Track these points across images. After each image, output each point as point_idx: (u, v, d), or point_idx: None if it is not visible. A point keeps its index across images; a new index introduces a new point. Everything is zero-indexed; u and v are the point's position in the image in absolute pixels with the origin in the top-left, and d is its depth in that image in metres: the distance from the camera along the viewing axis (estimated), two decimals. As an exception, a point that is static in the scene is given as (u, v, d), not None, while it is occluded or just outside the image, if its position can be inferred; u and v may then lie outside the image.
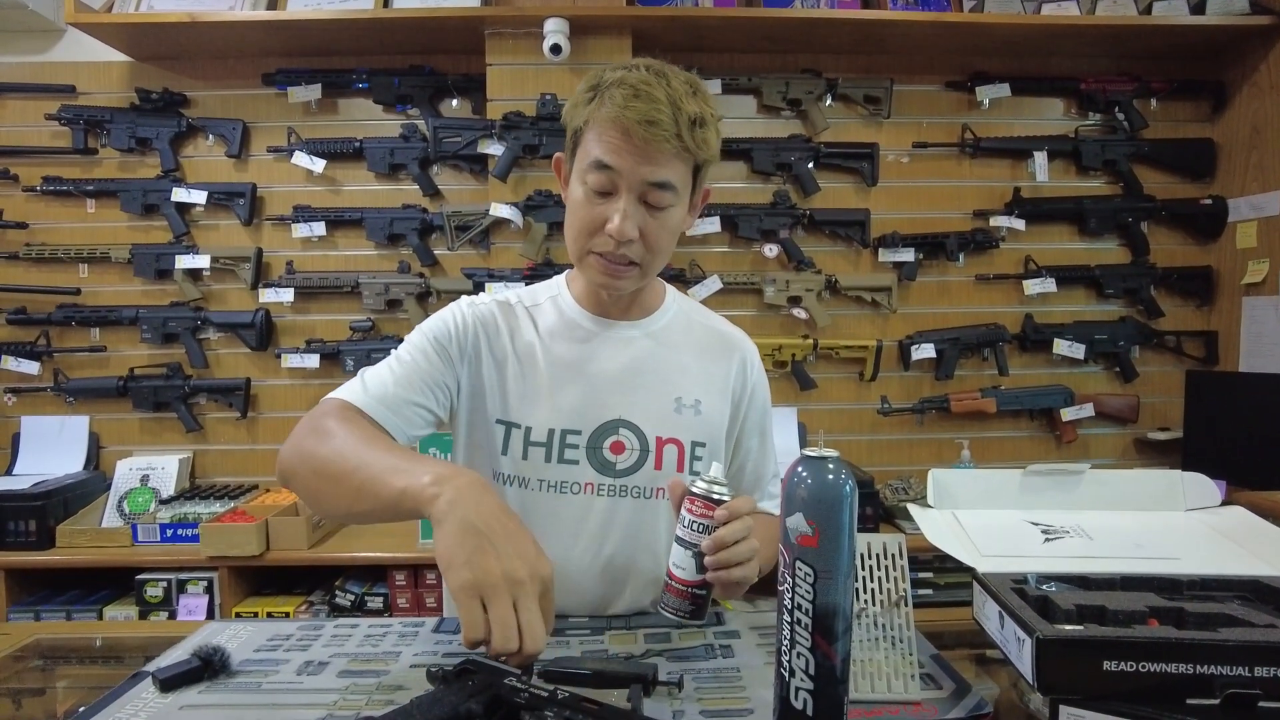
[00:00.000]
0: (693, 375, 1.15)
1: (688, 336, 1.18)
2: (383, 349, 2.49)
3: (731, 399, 1.18)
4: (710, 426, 1.15)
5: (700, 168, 1.04)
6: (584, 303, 1.16)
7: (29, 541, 2.24)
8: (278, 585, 2.37)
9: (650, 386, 1.12)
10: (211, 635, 1.01)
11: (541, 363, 1.12)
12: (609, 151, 0.98)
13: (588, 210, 1.01)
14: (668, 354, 1.15)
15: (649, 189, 0.99)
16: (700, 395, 1.14)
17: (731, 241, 2.61)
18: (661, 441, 1.11)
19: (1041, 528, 1.02)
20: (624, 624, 1.05)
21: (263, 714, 0.81)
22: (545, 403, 1.10)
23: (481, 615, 0.73)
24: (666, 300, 1.20)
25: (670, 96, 0.96)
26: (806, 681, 0.70)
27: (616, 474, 1.10)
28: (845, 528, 0.70)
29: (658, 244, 1.03)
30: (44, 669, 1.01)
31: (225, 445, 2.61)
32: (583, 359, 1.12)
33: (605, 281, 1.05)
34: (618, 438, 1.10)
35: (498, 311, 1.14)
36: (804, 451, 0.73)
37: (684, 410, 1.13)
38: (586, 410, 1.10)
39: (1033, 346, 2.67)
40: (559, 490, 1.09)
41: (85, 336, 2.59)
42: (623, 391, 1.11)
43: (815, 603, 0.69)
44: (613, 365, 1.12)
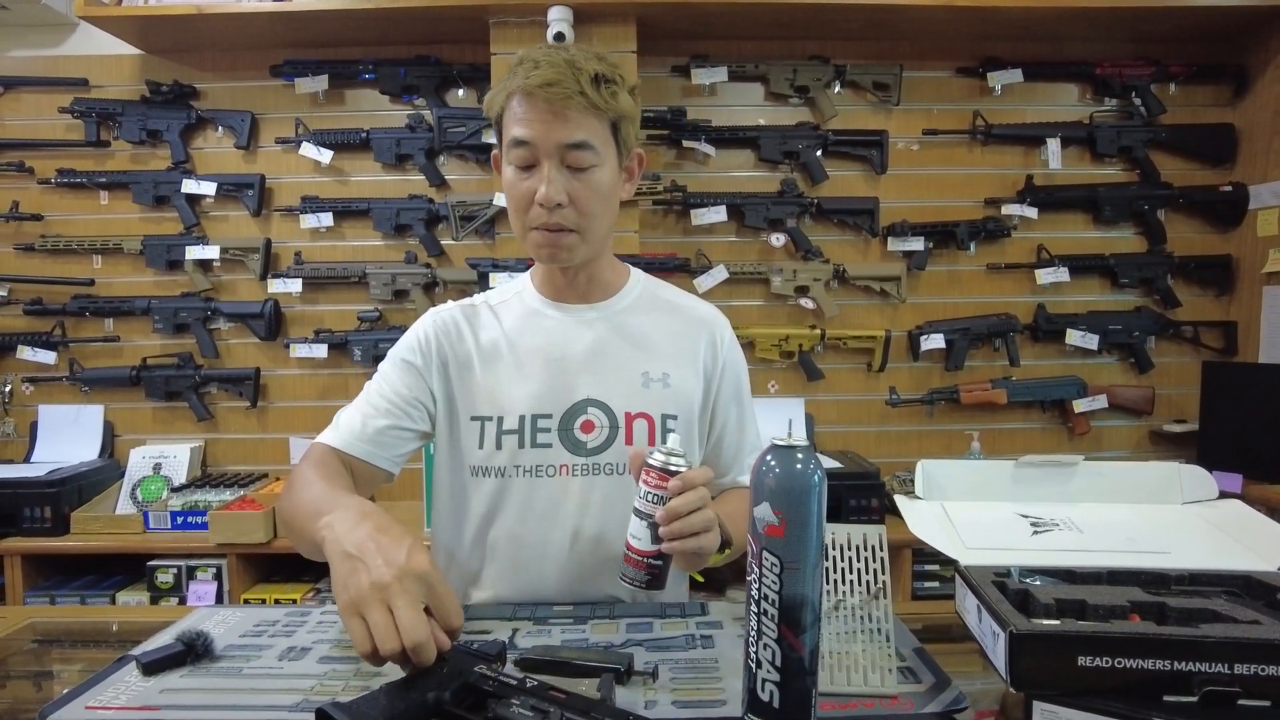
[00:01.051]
0: (659, 349, 1.17)
1: (653, 313, 1.20)
2: (390, 339, 2.49)
3: (703, 373, 1.19)
4: (680, 398, 1.15)
5: (618, 126, 1.06)
6: (545, 291, 1.19)
7: (45, 528, 2.28)
8: (285, 572, 2.40)
9: (616, 364, 1.15)
10: (200, 621, 1.02)
11: (507, 355, 1.15)
12: (521, 124, 1.02)
13: (517, 187, 1.05)
14: (632, 331, 1.17)
15: (566, 151, 1.02)
16: (668, 368, 1.15)
17: (738, 231, 2.59)
18: (631, 417, 1.13)
19: (1031, 520, 1.01)
20: (607, 612, 1.05)
21: (240, 698, 0.81)
22: (514, 392, 1.13)
23: (364, 629, 0.72)
24: (630, 281, 1.22)
25: (569, 60, 1.01)
26: (773, 673, 0.69)
27: (588, 453, 1.12)
28: (813, 518, 0.69)
29: (589, 206, 1.05)
30: (37, 652, 1.02)
31: (235, 434, 2.64)
32: (547, 345, 1.15)
33: (549, 253, 1.08)
34: (587, 417, 1.12)
35: (459, 316, 1.19)
36: (773, 440, 0.72)
37: (652, 384, 1.14)
38: (555, 394, 1.13)
39: (1045, 337, 2.63)
40: (535, 474, 1.12)
41: (99, 327, 2.63)
42: (589, 371, 1.14)
43: (782, 593, 0.69)
44: (577, 347, 1.15)
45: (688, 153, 2.56)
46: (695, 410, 1.18)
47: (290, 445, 2.62)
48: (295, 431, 2.62)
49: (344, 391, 2.60)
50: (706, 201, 2.50)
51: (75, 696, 0.82)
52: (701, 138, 2.51)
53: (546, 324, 1.17)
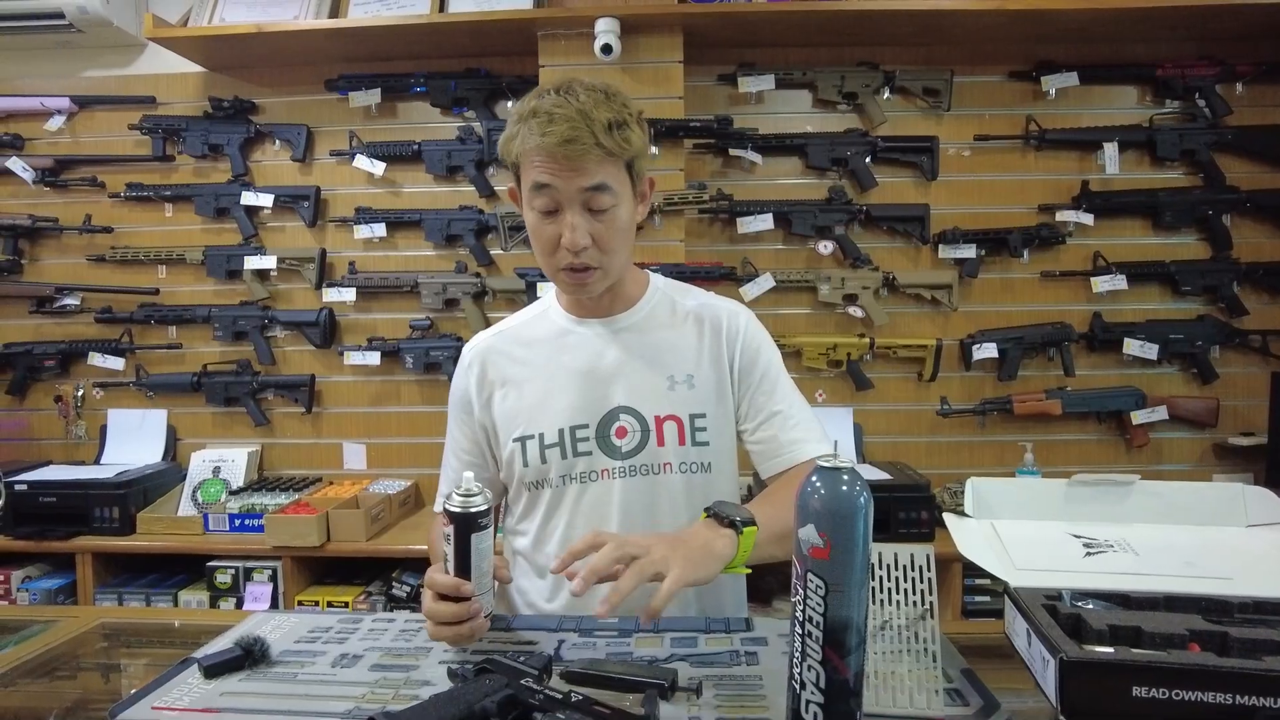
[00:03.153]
0: (681, 352, 1.22)
1: (672, 317, 1.25)
2: (441, 347, 2.55)
3: (724, 363, 1.23)
4: (705, 396, 1.21)
5: (631, 164, 1.12)
6: (569, 309, 1.26)
7: (113, 527, 2.37)
8: (338, 575, 2.45)
9: (642, 371, 1.21)
10: (256, 625, 1.05)
11: (540, 375, 1.22)
12: (543, 174, 1.07)
13: (542, 232, 1.11)
14: (654, 338, 1.23)
15: (588, 196, 1.07)
16: (691, 370, 1.20)
17: (785, 239, 2.57)
18: (660, 420, 1.18)
19: (1084, 541, 0.98)
20: (652, 626, 1.05)
21: (295, 703, 0.84)
22: (551, 408, 1.19)
23: None
24: (649, 289, 1.27)
25: (580, 110, 1.04)
26: (817, 694, 0.69)
27: (623, 455, 1.18)
28: (858, 541, 0.69)
29: (610, 244, 1.12)
30: (106, 650, 1.07)
31: (291, 439, 2.72)
32: (577, 360, 1.21)
33: (577, 292, 1.17)
34: (620, 423, 1.19)
35: (492, 346, 1.26)
36: (818, 462, 0.72)
37: (677, 387, 1.20)
38: (589, 404, 1.20)
39: (1101, 346, 2.56)
40: (580, 480, 1.19)
41: (163, 334, 2.73)
42: (618, 381, 1.19)
43: (826, 615, 0.69)
44: (605, 359, 1.21)
45: (734, 161, 2.56)
46: (724, 403, 1.22)
47: (344, 450, 2.69)
48: (349, 437, 2.69)
49: (395, 398, 2.66)
50: (753, 209, 2.49)
51: (142, 697, 0.86)
52: (748, 145, 2.51)
53: (574, 340, 1.23)
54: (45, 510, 2.38)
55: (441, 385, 2.58)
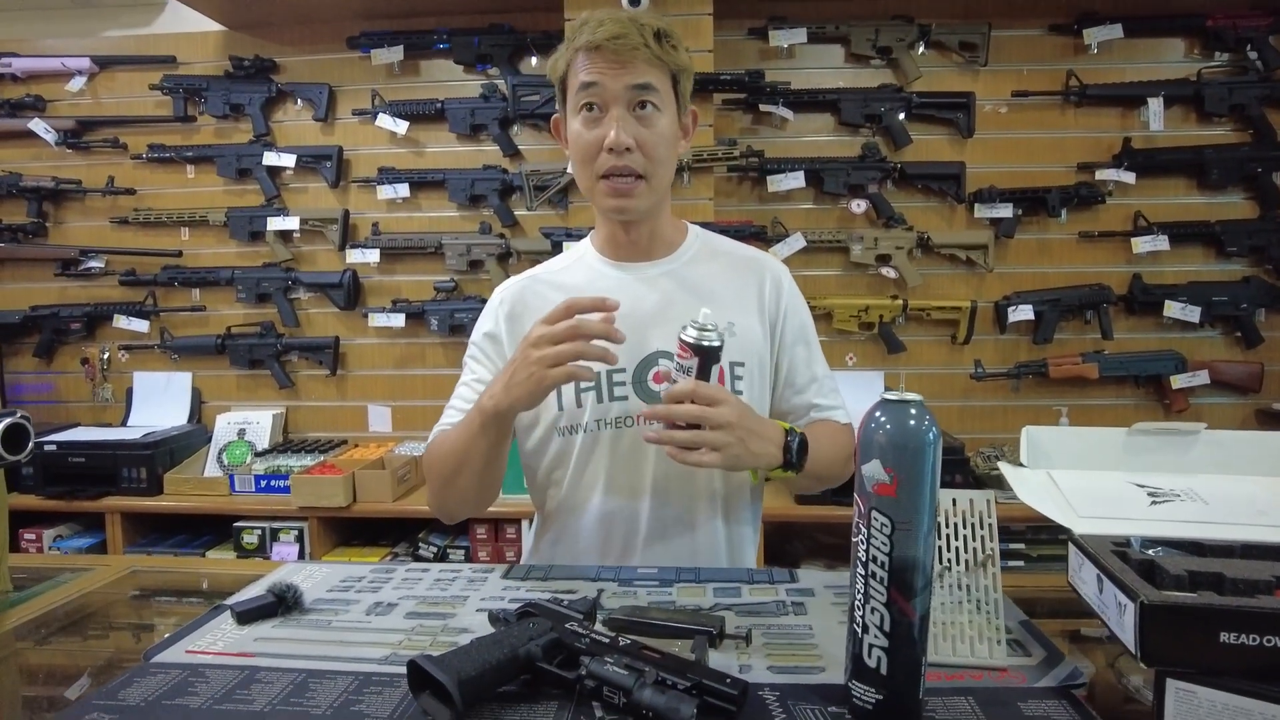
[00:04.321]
0: (722, 299, 1.17)
1: (713, 264, 1.22)
2: (465, 309, 2.52)
3: (765, 318, 1.20)
4: (746, 345, 1.17)
5: (677, 79, 1.11)
6: (607, 252, 1.21)
7: (141, 488, 2.38)
8: (364, 536, 2.45)
9: (682, 316, 1.14)
10: (289, 574, 1.03)
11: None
12: (590, 72, 1.06)
13: (586, 136, 1.08)
14: (696, 284, 1.19)
15: (634, 94, 1.06)
16: (733, 317, 1.16)
17: (816, 197, 2.51)
18: None
19: (1148, 490, 0.94)
20: (693, 576, 1.02)
21: (330, 649, 0.82)
22: None
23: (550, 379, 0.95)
24: (689, 237, 1.24)
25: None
26: (881, 638, 0.66)
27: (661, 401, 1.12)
28: (926, 476, 0.65)
29: (655, 151, 1.08)
30: (137, 600, 1.06)
31: (316, 401, 2.71)
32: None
33: (618, 204, 1.11)
34: (658, 368, 1.14)
35: (526, 288, 1.22)
36: (883, 395, 0.68)
37: None
38: (627, 348, 1.13)
39: (1141, 309, 2.49)
40: (616, 426, 1.14)
41: (187, 297, 2.72)
42: (657, 325, 1.15)
43: (892, 555, 0.65)
44: (645, 304, 1.16)
45: (765, 117, 2.50)
46: (763, 356, 1.19)
47: (369, 413, 2.67)
48: (373, 399, 2.68)
49: (420, 360, 2.64)
50: (784, 167, 2.43)
51: (176, 640, 0.84)
52: (779, 101, 2.44)
53: (611, 284, 1.18)
54: (74, 470, 2.39)
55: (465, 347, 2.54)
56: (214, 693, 0.73)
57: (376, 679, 0.75)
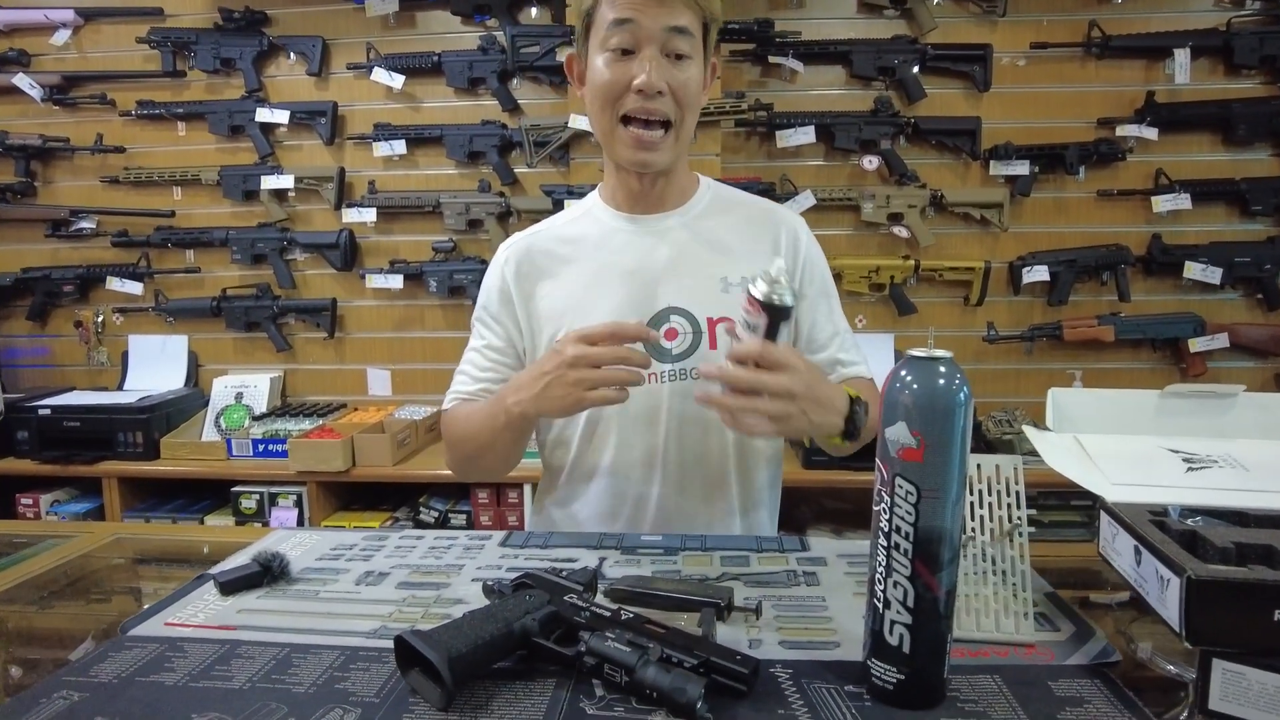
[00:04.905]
0: (737, 253, 1.12)
1: (727, 216, 1.16)
2: (465, 270, 2.45)
3: None
4: None
5: (708, 28, 1.05)
6: (617, 204, 1.15)
7: (137, 452, 2.34)
8: (364, 501, 2.42)
9: (695, 271, 1.12)
10: (277, 542, 0.99)
11: (585, 273, 1.13)
12: (625, 9, 0.99)
13: (613, 73, 1.01)
14: (709, 236, 1.13)
15: (669, 36, 0.99)
16: (746, 271, 1.10)
17: (827, 153, 2.43)
18: (713, 322, 1.09)
19: (1183, 456, 0.88)
20: (699, 544, 0.98)
21: (316, 621, 0.77)
22: (596, 307, 1.10)
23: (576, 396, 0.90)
24: (701, 188, 1.18)
25: None
26: (904, 614, 0.61)
27: (674, 358, 1.09)
28: (956, 440, 0.59)
29: (686, 98, 1.02)
30: (123, 567, 1.02)
31: (314, 365, 2.66)
32: (625, 258, 1.12)
33: (641, 157, 1.04)
34: (670, 325, 1.10)
35: (532, 244, 1.16)
36: (910, 352, 0.62)
37: (731, 288, 1.10)
38: (637, 304, 1.11)
39: (1160, 270, 2.41)
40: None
41: (181, 258, 2.66)
42: (669, 280, 1.10)
43: (917, 525, 0.60)
44: (656, 258, 1.11)
45: (774, 69, 2.40)
46: None
47: (368, 376, 2.63)
48: (372, 362, 2.63)
49: (420, 323, 2.58)
50: (793, 121, 2.34)
51: (155, 612, 0.80)
52: (789, 53, 2.34)
53: (621, 238, 1.13)
54: (70, 435, 2.35)
55: (466, 310, 2.50)
56: (191, 668, 0.68)
57: (364, 654, 0.71)
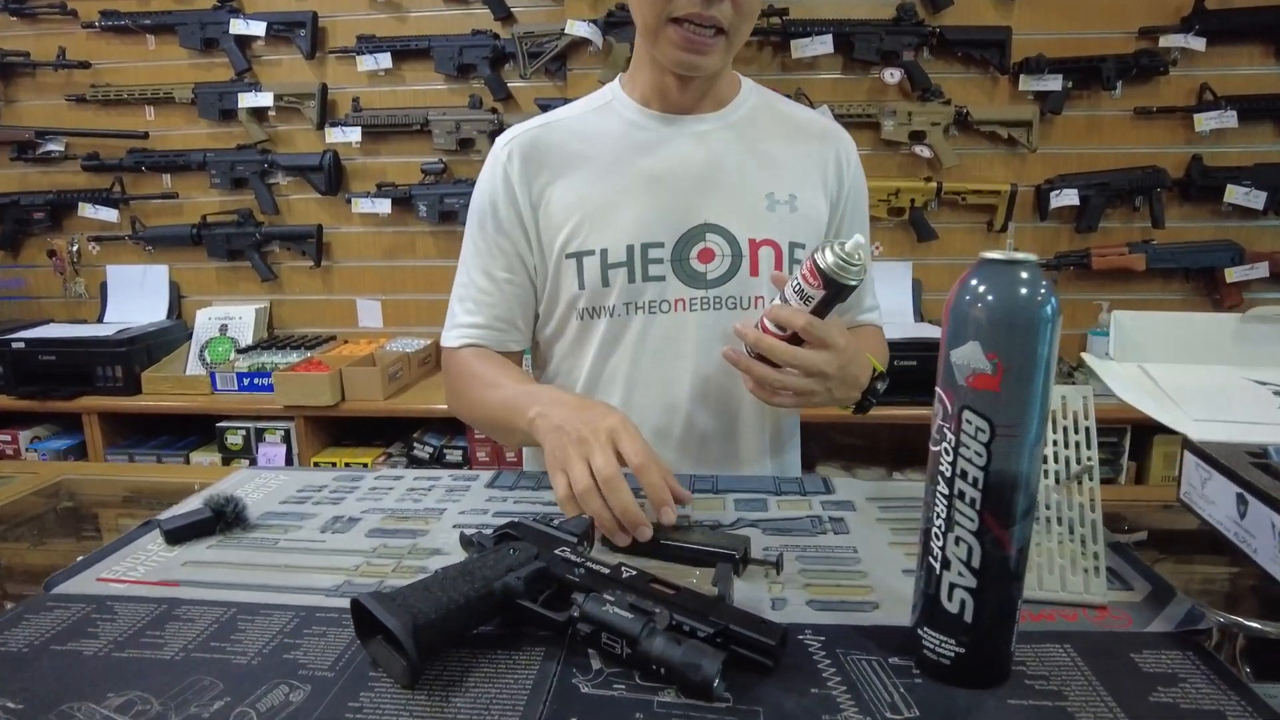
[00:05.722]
0: (784, 167, 0.99)
1: (774, 125, 1.01)
2: (456, 193, 2.30)
3: (828, 195, 1.01)
4: (809, 224, 0.99)
5: None
6: (645, 99, 0.98)
7: (117, 387, 2.24)
8: (356, 436, 2.33)
9: (736, 183, 0.97)
10: (238, 484, 0.88)
11: (605, 176, 0.97)
12: None
13: None
14: (753, 144, 0.98)
15: None
16: (795, 189, 0.98)
17: (845, 66, 2.25)
18: (755, 244, 0.96)
19: (1273, 389, 0.77)
20: (710, 485, 0.87)
21: (272, 576, 0.67)
22: (618, 219, 0.95)
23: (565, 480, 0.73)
24: (744, 90, 1.02)
25: None
26: (967, 576, 0.50)
27: (708, 284, 0.96)
28: (1040, 364, 0.48)
29: (746, 7, 0.87)
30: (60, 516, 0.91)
31: (300, 295, 2.53)
32: (654, 162, 0.96)
33: (686, 59, 0.89)
34: (705, 244, 0.96)
35: (539, 137, 0.99)
36: (985, 255, 0.50)
37: (778, 207, 0.97)
38: (667, 218, 0.96)
39: (1198, 194, 2.26)
40: (648, 311, 0.97)
41: (157, 183, 2.50)
42: (705, 192, 0.96)
43: (989, 470, 0.48)
44: (691, 164, 0.96)
45: (789, -27, 2.21)
46: (820, 239, 1.00)
47: (357, 307, 2.51)
48: (362, 293, 2.50)
49: (410, 250, 2.45)
50: (810, 30, 2.16)
51: (87, 566, 0.69)
52: (805, -47, 2.15)
53: (651, 137, 0.97)
54: (46, 369, 2.25)
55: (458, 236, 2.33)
56: (117, 634, 0.58)
57: (321, 615, 0.61)
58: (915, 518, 0.78)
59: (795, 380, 0.80)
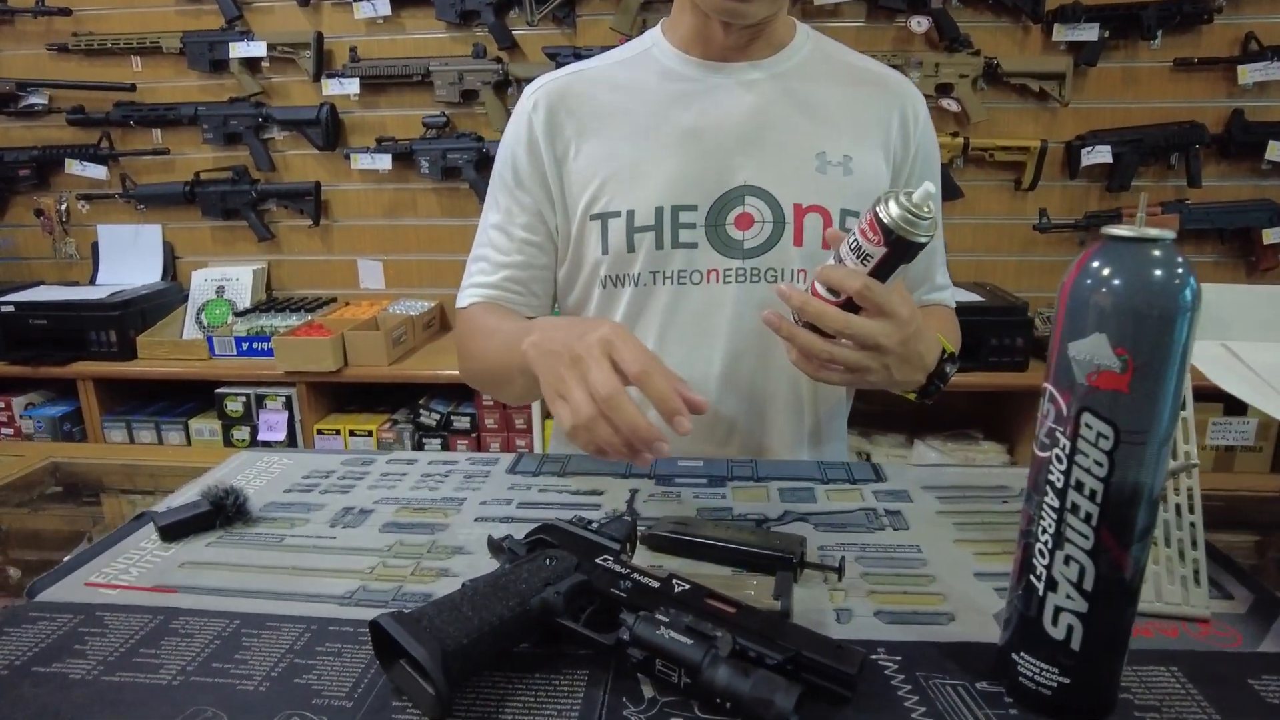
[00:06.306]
0: (839, 123, 0.88)
1: (830, 76, 0.90)
2: (459, 148, 2.20)
3: (891, 157, 0.90)
4: (864, 189, 0.87)
5: None
6: (687, 46, 0.89)
7: (111, 352, 2.17)
8: (360, 402, 2.27)
9: (783, 141, 0.87)
10: (237, 470, 0.82)
11: (637, 131, 0.88)
12: None
13: None
14: (805, 98, 0.88)
15: None
16: (850, 149, 0.87)
17: (869, 13, 2.13)
18: (801, 210, 0.86)
19: (1378, 371, 0.69)
20: (749, 472, 0.81)
21: (277, 581, 0.61)
22: (648, 177, 0.86)
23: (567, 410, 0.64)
24: (799, 36, 0.91)
25: None
26: (1077, 600, 0.43)
27: (745, 254, 0.87)
28: (1175, 360, 0.40)
29: None
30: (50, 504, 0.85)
31: (299, 255, 2.44)
32: (692, 115, 0.87)
33: (729, 5, 0.80)
34: (744, 209, 0.86)
35: (568, 86, 0.90)
36: (1109, 230, 0.42)
37: (829, 169, 0.86)
38: (702, 178, 0.86)
39: (1238, 151, 2.16)
40: (676, 281, 0.88)
41: (147, 138, 2.40)
42: (747, 150, 0.86)
43: (1110, 481, 0.41)
44: (732, 118, 0.86)
45: (810, -89, 2.08)
46: None
47: (358, 268, 2.42)
48: (363, 253, 2.42)
49: (412, 208, 2.35)
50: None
51: (75, 568, 0.63)
52: (830, -110, 2.02)
53: (688, 87, 0.88)
54: (38, 334, 2.17)
55: (462, 194, 2.26)
56: (109, 652, 0.52)
57: (335, 629, 0.54)
58: (979, 510, 0.72)
59: (847, 353, 0.68)
